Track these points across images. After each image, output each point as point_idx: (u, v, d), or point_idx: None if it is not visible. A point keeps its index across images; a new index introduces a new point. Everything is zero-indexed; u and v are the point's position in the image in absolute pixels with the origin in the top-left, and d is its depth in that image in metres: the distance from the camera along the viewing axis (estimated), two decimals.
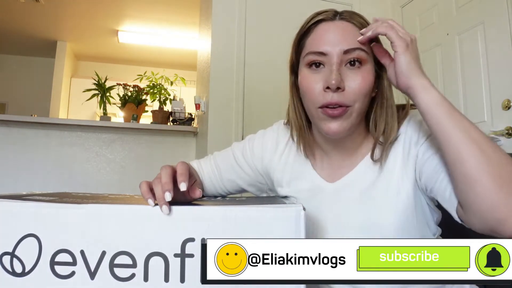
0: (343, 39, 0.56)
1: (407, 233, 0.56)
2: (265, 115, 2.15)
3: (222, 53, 2.17)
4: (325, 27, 0.57)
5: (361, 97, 0.56)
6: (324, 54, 0.56)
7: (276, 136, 0.71)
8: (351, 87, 0.55)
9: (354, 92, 0.55)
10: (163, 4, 3.53)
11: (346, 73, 0.55)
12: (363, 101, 0.56)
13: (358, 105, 0.56)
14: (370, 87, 0.56)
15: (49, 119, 2.47)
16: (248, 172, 0.72)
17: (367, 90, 0.56)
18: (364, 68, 0.56)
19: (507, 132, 1.59)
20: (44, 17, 3.82)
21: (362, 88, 0.55)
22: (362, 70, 0.56)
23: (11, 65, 4.88)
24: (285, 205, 0.43)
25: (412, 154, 0.58)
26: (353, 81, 0.55)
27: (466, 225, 0.50)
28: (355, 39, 0.56)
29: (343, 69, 0.56)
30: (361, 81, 0.55)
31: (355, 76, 0.55)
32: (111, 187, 2.39)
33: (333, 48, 0.55)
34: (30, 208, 0.42)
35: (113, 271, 0.40)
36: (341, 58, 0.55)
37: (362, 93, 0.55)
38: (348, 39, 0.56)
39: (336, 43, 0.55)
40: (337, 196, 0.62)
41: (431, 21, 2.13)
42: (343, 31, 0.56)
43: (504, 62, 1.65)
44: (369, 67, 0.57)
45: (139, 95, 2.65)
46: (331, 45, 0.55)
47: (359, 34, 0.56)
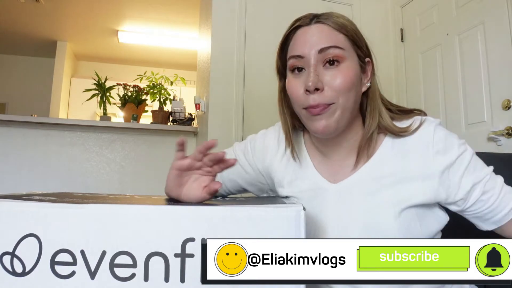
0: (318, 40, 0.57)
1: (410, 235, 0.56)
2: (265, 115, 2.15)
3: (222, 53, 2.18)
4: (302, 32, 0.60)
5: (344, 93, 0.56)
6: (301, 57, 0.58)
7: (278, 136, 0.71)
8: (331, 85, 0.56)
9: (334, 90, 0.56)
10: (163, 4, 3.53)
11: (324, 72, 0.57)
12: (348, 97, 0.57)
13: (342, 101, 0.56)
14: (351, 82, 0.57)
15: (49, 119, 2.47)
16: (249, 172, 0.72)
17: (348, 85, 0.57)
18: (342, 65, 0.57)
19: (507, 132, 1.59)
20: (44, 17, 3.82)
21: (342, 85, 0.56)
22: (341, 68, 0.57)
23: (11, 65, 4.88)
24: (285, 205, 0.43)
25: (438, 166, 0.56)
26: (332, 80, 0.56)
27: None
28: (330, 38, 0.57)
29: (321, 69, 0.57)
30: (340, 78, 0.56)
31: (334, 75, 0.56)
32: (111, 187, 2.39)
33: (309, 50, 0.57)
34: (30, 208, 0.42)
35: (113, 271, 0.40)
36: (317, 59, 0.57)
37: (343, 90, 0.56)
38: (322, 39, 0.57)
39: (311, 45, 0.57)
40: (340, 197, 0.61)
41: (431, 21, 2.13)
42: (318, 33, 0.58)
43: (504, 62, 1.65)
44: (348, 64, 0.58)
45: (139, 95, 2.65)
46: (307, 48, 0.58)
47: (334, 34, 0.58)
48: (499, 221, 0.56)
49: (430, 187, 0.57)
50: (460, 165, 0.56)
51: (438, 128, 0.59)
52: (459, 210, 0.58)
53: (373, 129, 0.60)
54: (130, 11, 3.70)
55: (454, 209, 0.59)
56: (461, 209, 0.58)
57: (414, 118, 0.61)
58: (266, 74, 2.20)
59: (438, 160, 0.56)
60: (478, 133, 1.73)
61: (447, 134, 0.58)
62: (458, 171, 0.56)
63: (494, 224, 0.57)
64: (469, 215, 0.59)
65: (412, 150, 0.58)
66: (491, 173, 0.58)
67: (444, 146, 0.57)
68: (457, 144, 0.57)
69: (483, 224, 0.58)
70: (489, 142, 1.67)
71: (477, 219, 0.58)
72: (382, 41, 2.39)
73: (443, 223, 0.60)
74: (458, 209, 0.58)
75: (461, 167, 0.56)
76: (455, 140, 0.58)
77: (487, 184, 0.56)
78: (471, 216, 0.59)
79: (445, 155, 0.56)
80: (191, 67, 3.94)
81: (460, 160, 0.56)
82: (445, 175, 0.56)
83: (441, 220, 0.60)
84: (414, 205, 0.56)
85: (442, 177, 0.56)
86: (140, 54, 4.81)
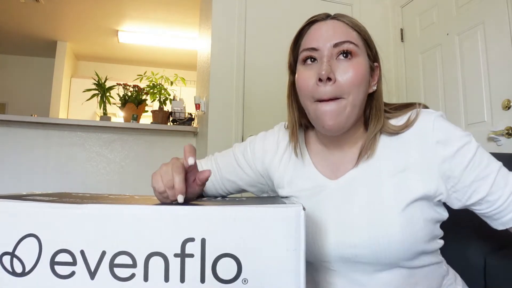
0: (333, 34, 0.58)
1: (412, 231, 0.55)
2: (265, 115, 2.15)
3: (222, 53, 2.18)
4: (317, 26, 0.61)
5: (354, 88, 0.57)
6: (315, 49, 0.59)
7: (277, 138, 0.71)
8: (343, 77, 0.56)
9: (346, 82, 0.56)
10: (163, 4, 3.53)
11: (337, 64, 0.57)
12: (357, 93, 0.57)
13: (352, 97, 0.57)
14: (362, 78, 0.58)
15: (49, 119, 2.47)
16: (248, 173, 0.73)
17: (359, 80, 0.57)
18: (355, 60, 0.58)
19: (507, 132, 1.59)
20: (44, 17, 3.82)
21: (354, 78, 0.56)
22: (353, 62, 0.58)
23: (11, 65, 4.88)
24: (285, 205, 0.43)
25: (438, 156, 0.56)
26: (344, 73, 0.57)
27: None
28: (345, 33, 0.59)
29: (334, 61, 0.58)
30: (352, 72, 0.57)
31: (346, 68, 0.57)
32: (111, 187, 2.39)
33: (323, 43, 0.58)
34: (30, 208, 0.42)
35: (113, 271, 0.40)
36: (331, 52, 0.58)
37: (355, 84, 0.56)
38: (338, 34, 0.58)
39: (327, 39, 0.58)
40: (341, 192, 0.61)
41: (431, 21, 2.13)
42: (334, 28, 0.59)
43: (504, 62, 1.65)
44: (360, 60, 0.59)
45: (139, 95, 2.65)
46: (322, 41, 0.59)
47: (348, 31, 0.59)
48: (507, 222, 0.55)
49: (430, 179, 0.56)
50: (463, 158, 0.54)
51: (438, 118, 0.58)
52: (462, 206, 0.57)
53: (377, 130, 0.60)
54: (130, 11, 3.70)
55: (456, 204, 0.57)
56: (462, 203, 0.56)
57: (411, 112, 0.61)
58: (266, 74, 2.20)
59: (438, 151, 0.56)
60: (478, 133, 1.73)
61: (449, 125, 0.57)
62: (461, 164, 0.54)
63: (502, 225, 0.55)
64: (477, 213, 0.58)
65: (412, 142, 0.58)
66: (500, 169, 0.55)
67: (445, 136, 0.56)
68: (459, 135, 0.56)
69: (492, 223, 0.57)
70: (489, 142, 1.67)
71: (486, 218, 0.57)
72: (382, 41, 2.38)
73: (442, 219, 0.59)
74: (460, 204, 0.57)
75: (464, 160, 0.54)
76: (457, 131, 0.56)
77: (494, 184, 0.54)
78: (479, 214, 0.57)
79: (446, 146, 0.55)
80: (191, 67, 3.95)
81: (463, 152, 0.54)
82: (445, 166, 0.55)
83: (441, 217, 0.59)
84: (417, 199, 0.56)
85: (442, 168, 0.55)
86: (140, 54, 4.81)
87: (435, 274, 0.61)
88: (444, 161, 0.55)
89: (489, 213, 0.55)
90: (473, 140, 0.56)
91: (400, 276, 0.57)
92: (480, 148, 0.56)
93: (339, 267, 0.59)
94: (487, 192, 0.54)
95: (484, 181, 0.54)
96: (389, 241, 0.54)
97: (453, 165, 0.55)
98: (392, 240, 0.54)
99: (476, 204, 0.56)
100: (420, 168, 0.57)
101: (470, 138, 0.56)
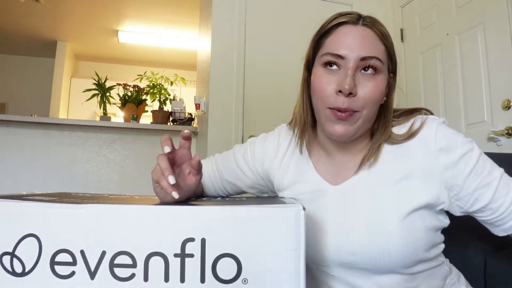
0: (362, 46, 0.55)
1: (413, 240, 0.54)
2: (265, 115, 2.15)
3: (222, 53, 2.17)
4: (346, 31, 0.57)
5: (371, 104, 0.56)
6: (341, 57, 0.56)
7: (278, 140, 0.71)
8: (363, 93, 0.55)
9: (365, 98, 0.55)
10: (163, 4, 3.53)
11: (360, 79, 0.55)
12: (372, 108, 0.57)
13: (366, 112, 0.56)
14: (380, 95, 0.57)
15: (49, 119, 2.47)
16: (248, 175, 0.72)
17: (378, 98, 0.56)
18: (378, 76, 0.56)
19: (507, 132, 1.59)
20: (44, 17, 3.82)
21: (373, 96, 0.55)
22: (376, 78, 0.56)
23: (11, 65, 4.88)
24: (285, 205, 0.43)
25: (440, 164, 0.55)
26: (365, 88, 0.55)
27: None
28: (374, 47, 0.56)
29: (357, 74, 0.56)
30: (373, 89, 0.55)
31: (368, 83, 0.55)
32: (111, 187, 2.39)
33: (351, 52, 0.55)
34: (30, 208, 0.42)
35: (113, 271, 0.40)
36: (357, 64, 0.55)
37: (372, 101, 0.56)
38: (367, 46, 0.55)
39: (354, 49, 0.55)
40: (342, 198, 0.60)
41: (431, 21, 2.13)
42: (363, 38, 0.56)
43: (504, 62, 1.65)
44: (382, 77, 0.57)
45: (139, 95, 2.65)
46: (349, 50, 0.55)
47: (377, 44, 0.57)
48: (508, 229, 0.54)
49: (432, 187, 0.55)
50: (466, 165, 0.54)
51: (441, 126, 0.57)
52: (463, 213, 0.57)
53: (382, 140, 0.60)
54: (130, 11, 3.70)
55: (458, 211, 0.57)
56: (464, 211, 0.56)
57: (415, 119, 0.60)
58: (266, 74, 2.20)
59: (441, 158, 0.55)
60: (478, 133, 1.73)
61: (451, 132, 0.57)
62: (464, 171, 0.54)
63: (504, 232, 0.55)
64: (478, 219, 0.57)
65: (414, 150, 0.57)
66: (502, 176, 0.54)
67: (448, 143, 0.55)
68: (461, 142, 0.55)
69: (493, 230, 0.57)
70: (489, 142, 1.67)
71: (487, 224, 0.57)
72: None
73: (443, 226, 0.59)
74: (462, 210, 0.57)
75: (467, 168, 0.54)
76: (460, 138, 0.56)
77: (497, 191, 0.53)
78: (481, 221, 0.57)
79: (449, 153, 0.55)
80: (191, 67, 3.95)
81: (466, 159, 0.54)
82: (448, 174, 0.55)
83: (442, 225, 0.59)
84: (418, 208, 0.55)
85: (445, 176, 0.55)
86: (140, 54, 4.81)
87: (437, 276, 0.61)
88: (447, 169, 0.55)
89: (491, 220, 0.55)
90: (475, 147, 0.55)
91: (400, 280, 0.57)
92: (483, 155, 0.55)
93: (338, 272, 0.59)
94: (489, 200, 0.54)
95: (487, 189, 0.54)
96: (389, 249, 0.54)
97: (456, 173, 0.54)
98: (392, 248, 0.54)
99: (478, 212, 0.55)
100: (423, 176, 0.56)
101: (472, 145, 0.56)
